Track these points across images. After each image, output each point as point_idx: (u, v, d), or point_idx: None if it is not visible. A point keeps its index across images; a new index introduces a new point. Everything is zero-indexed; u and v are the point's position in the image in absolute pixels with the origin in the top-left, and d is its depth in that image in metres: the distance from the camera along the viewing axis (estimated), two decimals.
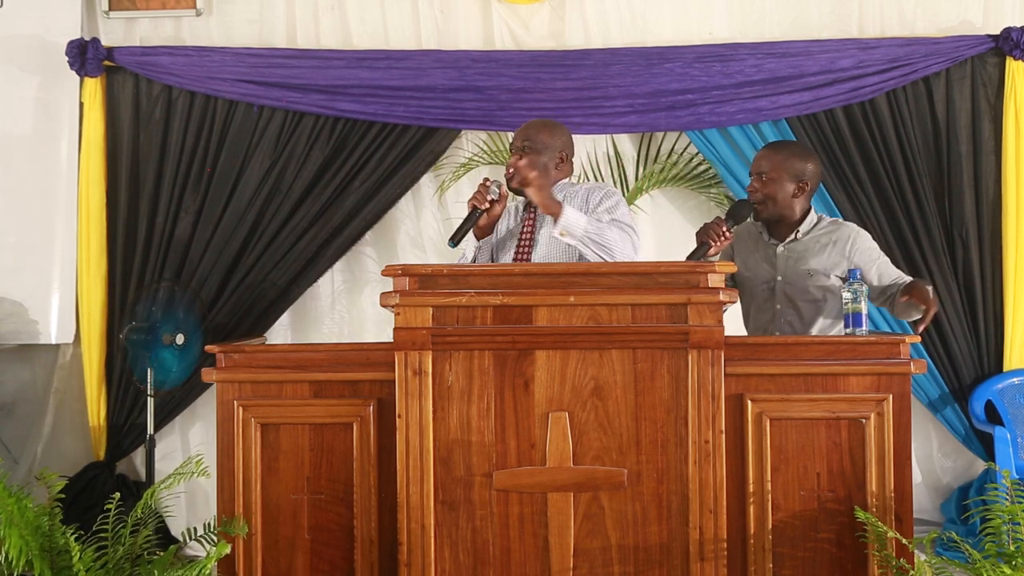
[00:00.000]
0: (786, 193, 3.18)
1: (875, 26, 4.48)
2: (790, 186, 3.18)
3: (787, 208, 3.20)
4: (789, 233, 3.24)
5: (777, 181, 3.18)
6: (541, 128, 3.34)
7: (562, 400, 2.66)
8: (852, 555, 2.67)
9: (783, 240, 3.24)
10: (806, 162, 3.22)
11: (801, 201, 3.22)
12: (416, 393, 2.67)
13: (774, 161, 3.20)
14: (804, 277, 3.19)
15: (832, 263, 3.17)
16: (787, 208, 3.20)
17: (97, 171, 4.47)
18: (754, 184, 3.22)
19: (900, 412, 2.68)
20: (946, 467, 4.52)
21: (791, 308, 3.20)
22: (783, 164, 3.19)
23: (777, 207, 3.20)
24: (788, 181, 3.18)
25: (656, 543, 2.64)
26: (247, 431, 2.76)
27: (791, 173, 3.18)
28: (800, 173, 3.19)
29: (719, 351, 2.63)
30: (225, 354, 2.81)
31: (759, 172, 3.21)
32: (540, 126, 3.34)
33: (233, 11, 4.61)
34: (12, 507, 2.50)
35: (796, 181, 3.18)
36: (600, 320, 2.66)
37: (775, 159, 3.21)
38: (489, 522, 2.67)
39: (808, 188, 3.21)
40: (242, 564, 2.74)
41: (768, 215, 3.22)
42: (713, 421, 2.63)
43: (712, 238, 3.09)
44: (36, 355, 4.58)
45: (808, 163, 3.22)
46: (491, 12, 4.55)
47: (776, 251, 3.24)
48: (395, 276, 2.71)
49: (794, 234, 3.22)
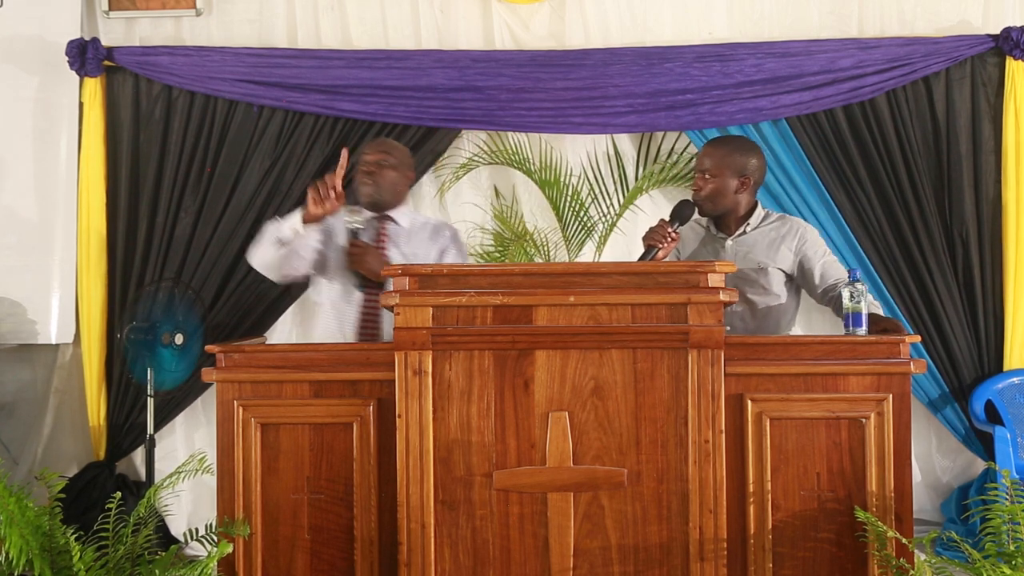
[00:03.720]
0: (730, 188, 3.22)
1: (875, 26, 4.48)
2: (733, 181, 3.21)
3: (732, 203, 3.23)
4: (737, 227, 3.27)
5: (720, 177, 3.21)
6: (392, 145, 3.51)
7: (562, 400, 2.66)
8: (852, 555, 2.67)
9: (731, 234, 3.27)
10: (748, 157, 3.25)
11: (745, 196, 3.25)
12: (416, 393, 2.67)
13: (716, 157, 3.24)
14: (754, 270, 3.21)
15: (781, 257, 3.20)
16: (732, 203, 3.23)
17: (97, 171, 4.47)
18: (698, 181, 3.25)
19: (900, 412, 2.68)
20: (946, 467, 4.52)
21: (741, 301, 3.20)
22: (725, 160, 3.22)
23: (722, 203, 3.23)
24: (731, 177, 3.21)
25: (656, 543, 2.64)
26: (247, 431, 2.76)
27: (734, 168, 3.21)
28: (743, 168, 3.22)
29: (719, 351, 2.63)
30: (225, 354, 2.81)
31: (702, 169, 3.25)
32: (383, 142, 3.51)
33: (233, 11, 4.61)
34: (12, 507, 2.50)
35: (739, 176, 3.22)
36: (600, 320, 2.66)
37: (717, 155, 3.24)
38: (489, 522, 2.67)
39: (751, 183, 3.24)
40: (242, 564, 2.74)
41: (713, 211, 3.25)
42: (713, 421, 2.63)
43: (658, 241, 3.13)
44: (36, 355, 4.58)
45: (751, 158, 3.25)
46: (491, 12, 4.55)
47: (725, 245, 3.27)
48: (395, 276, 2.71)
49: (742, 228, 3.25)
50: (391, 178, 3.40)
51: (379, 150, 3.42)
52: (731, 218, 3.26)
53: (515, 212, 4.60)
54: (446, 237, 3.46)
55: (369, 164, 3.39)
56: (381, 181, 3.38)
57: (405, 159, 3.50)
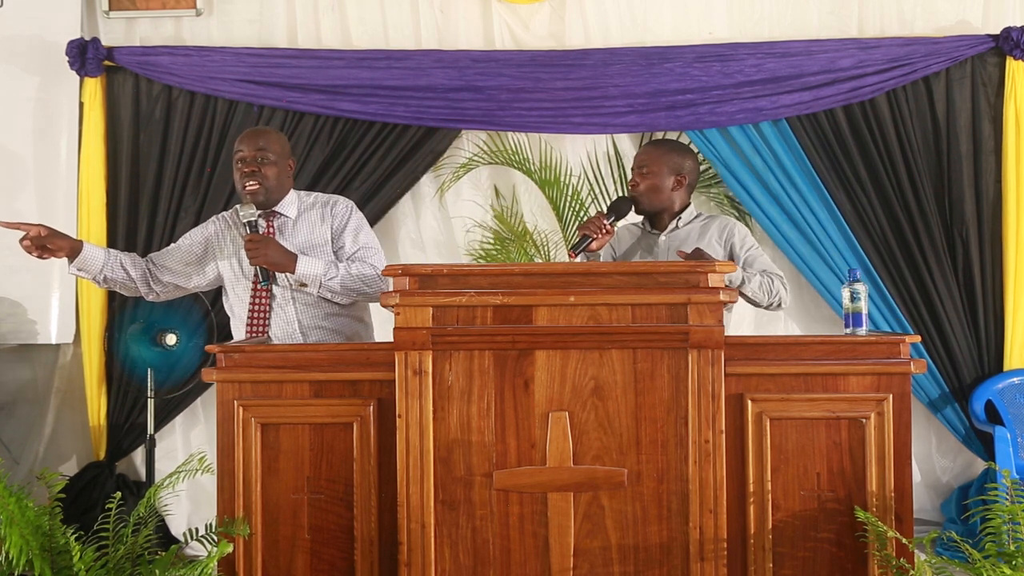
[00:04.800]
0: (666, 186, 3.28)
1: (875, 26, 4.48)
2: (669, 179, 3.28)
3: (667, 200, 3.30)
4: (670, 223, 3.32)
5: (657, 174, 3.28)
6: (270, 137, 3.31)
7: (562, 400, 2.66)
8: (852, 555, 2.67)
9: (664, 230, 3.32)
10: (684, 158, 3.34)
11: (680, 194, 3.31)
12: (416, 393, 2.67)
13: (653, 156, 3.31)
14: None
15: (711, 249, 3.23)
16: (667, 200, 3.30)
17: (97, 171, 4.48)
18: (635, 178, 3.31)
19: (900, 412, 2.68)
20: (946, 467, 4.53)
21: None
22: (662, 158, 3.30)
23: (657, 199, 3.29)
24: (667, 175, 3.28)
25: (656, 543, 2.64)
26: (247, 431, 2.76)
27: (670, 167, 3.28)
28: (679, 167, 3.29)
29: (719, 351, 2.63)
30: (225, 354, 2.81)
31: (640, 166, 3.31)
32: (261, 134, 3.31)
33: (233, 11, 4.61)
34: (12, 507, 2.50)
35: (675, 175, 3.28)
36: (600, 320, 2.66)
37: (654, 154, 3.33)
38: (489, 522, 2.67)
39: (686, 182, 3.31)
40: (242, 564, 2.74)
41: (649, 207, 3.31)
42: (713, 421, 2.63)
43: (592, 231, 3.18)
44: (36, 355, 4.58)
45: (686, 159, 3.34)
46: (491, 12, 4.56)
47: (658, 240, 3.32)
48: (395, 276, 2.71)
49: (675, 222, 3.31)
50: (273, 174, 3.23)
51: (255, 147, 3.22)
52: (665, 216, 3.32)
53: (515, 212, 4.61)
54: (334, 212, 3.31)
55: (248, 163, 3.21)
56: (265, 181, 3.20)
57: (284, 148, 3.33)
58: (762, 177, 4.41)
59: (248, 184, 3.20)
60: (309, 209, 3.33)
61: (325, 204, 3.35)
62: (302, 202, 3.35)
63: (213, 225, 3.37)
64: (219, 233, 3.35)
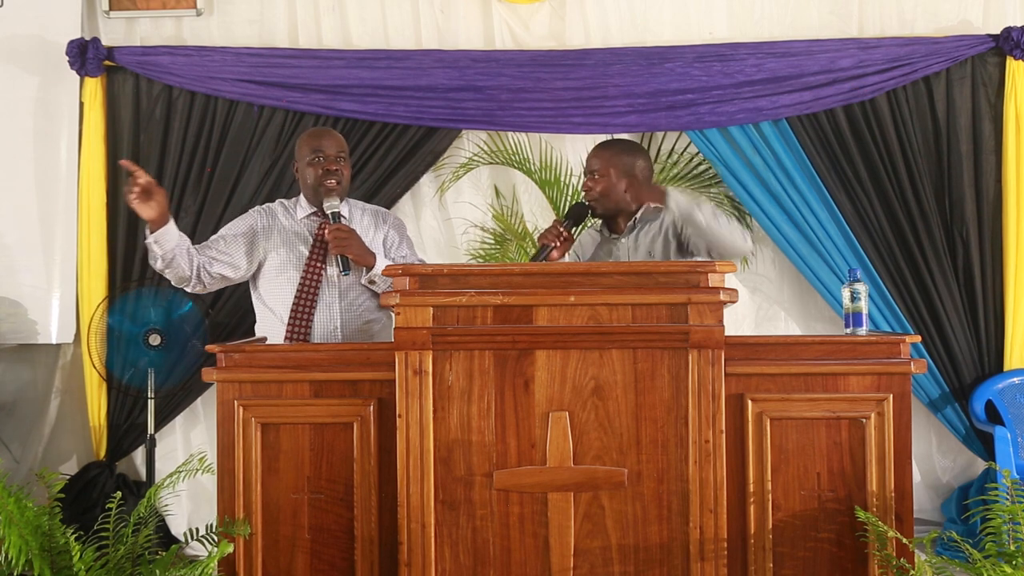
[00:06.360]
0: (618, 188, 3.26)
1: (875, 26, 4.48)
2: (622, 182, 3.26)
3: (622, 202, 3.28)
4: (627, 225, 3.30)
5: (608, 177, 3.26)
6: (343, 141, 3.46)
7: (562, 400, 2.66)
8: (852, 555, 2.67)
9: (623, 232, 3.30)
10: (635, 158, 3.31)
11: (635, 193, 3.28)
12: (416, 393, 2.67)
13: (603, 158, 3.29)
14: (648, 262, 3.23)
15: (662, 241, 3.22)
16: (622, 202, 3.28)
17: (97, 171, 4.47)
18: (587, 183, 3.30)
19: (900, 412, 2.68)
20: (946, 467, 4.52)
21: None
22: (612, 160, 3.27)
23: (612, 202, 3.27)
24: (619, 177, 3.26)
25: (656, 543, 2.64)
26: (247, 431, 2.76)
27: (621, 169, 3.26)
28: (630, 168, 3.27)
29: (719, 351, 2.63)
30: (225, 354, 2.81)
31: (591, 170, 3.30)
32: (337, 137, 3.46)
33: (233, 11, 4.61)
34: (12, 507, 2.50)
35: (627, 176, 3.27)
36: (600, 320, 2.66)
37: (604, 156, 3.30)
38: (489, 522, 2.67)
39: (639, 180, 3.28)
40: (242, 564, 2.74)
41: (604, 211, 3.30)
42: (713, 421, 2.63)
43: (551, 240, 3.19)
44: (36, 355, 4.58)
45: (637, 158, 3.31)
46: (491, 12, 4.55)
47: (619, 243, 3.30)
48: (395, 276, 2.71)
49: (632, 222, 3.29)
50: (347, 176, 3.43)
51: (338, 148, 3.39)
52: (621, 219, 3.31)
53: (515, 212, 4.61)
54: (388, 224, 3.48)
55: (331, 161, 3.35)
56: (343, 180, 3.38)
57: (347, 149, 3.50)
58: (762, 177, 4.41)
59: (329, 181, 3.33)
60: (361, 214, 3.47)
61: (376, 213, 3.51)
62: (353, 206, 3.49)
63: (254, 217, 3.45)
64: (265, 224, 3.42)
